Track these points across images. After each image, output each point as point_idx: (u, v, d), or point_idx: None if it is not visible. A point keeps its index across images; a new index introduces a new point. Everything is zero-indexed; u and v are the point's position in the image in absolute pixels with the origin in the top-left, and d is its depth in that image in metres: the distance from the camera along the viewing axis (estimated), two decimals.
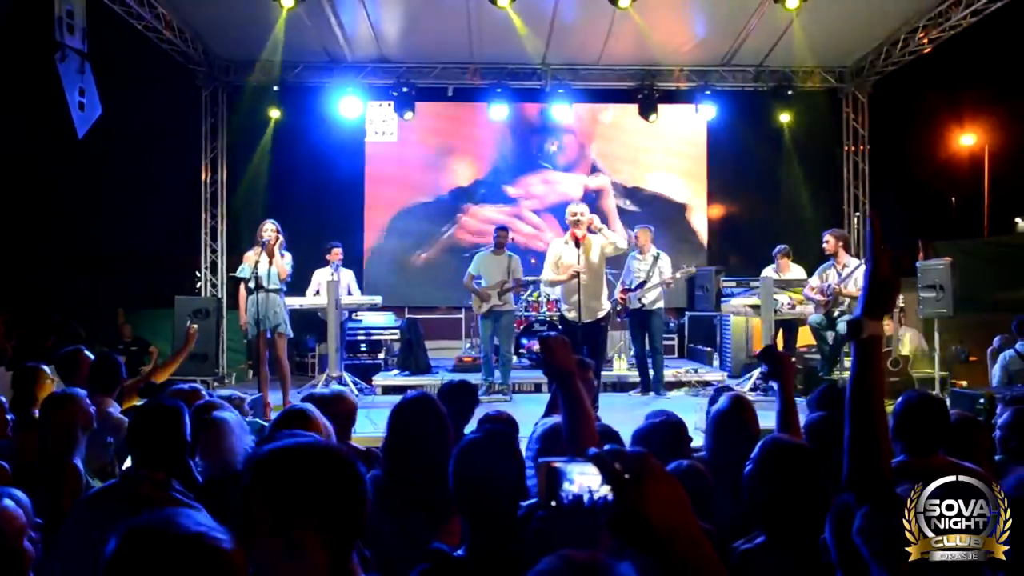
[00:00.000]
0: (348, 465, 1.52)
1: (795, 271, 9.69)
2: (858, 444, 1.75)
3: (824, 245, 8.87)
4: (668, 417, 3.47)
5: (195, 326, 6.18)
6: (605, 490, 1.18)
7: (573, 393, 2.28)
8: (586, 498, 1.20)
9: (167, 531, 1.24)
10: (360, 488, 1.52)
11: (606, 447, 1.20)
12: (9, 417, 3.86)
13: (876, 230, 1.91)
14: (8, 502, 2.02)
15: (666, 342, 12.68)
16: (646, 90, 12.46)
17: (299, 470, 1.49)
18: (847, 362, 10.05)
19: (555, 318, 10.72)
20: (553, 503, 1.22)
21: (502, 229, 9.49)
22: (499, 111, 12.58)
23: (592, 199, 13.31)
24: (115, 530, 1.26)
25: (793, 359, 9.07)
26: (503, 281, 9.13)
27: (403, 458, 2.83)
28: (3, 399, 3.69)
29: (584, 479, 1.21)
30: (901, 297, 9.18)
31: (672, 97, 13.09)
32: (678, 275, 9.46)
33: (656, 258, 9.25)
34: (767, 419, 3.41)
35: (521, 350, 11.15)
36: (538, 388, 9.76)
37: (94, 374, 4.60)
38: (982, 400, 6.17)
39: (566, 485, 1.21)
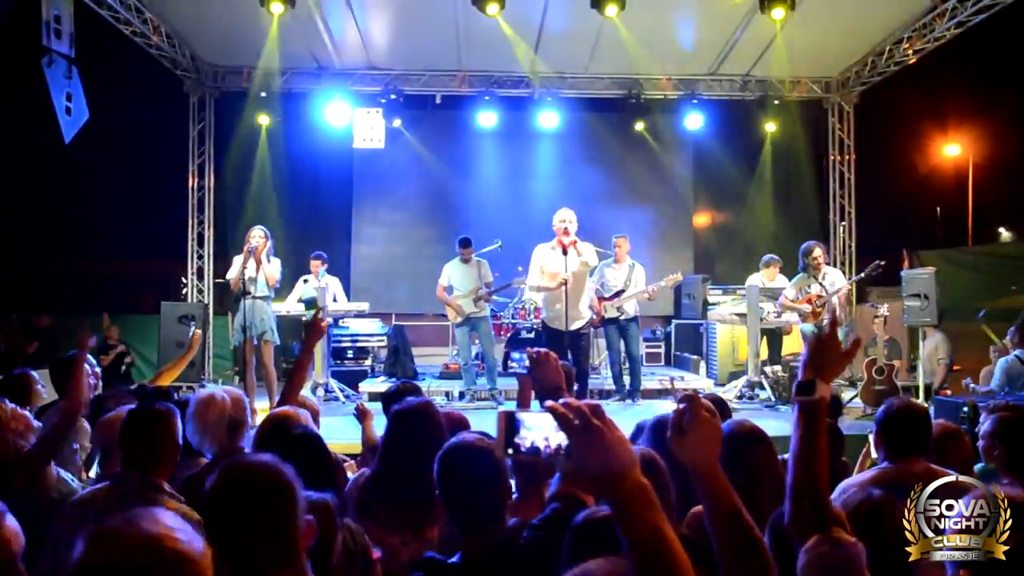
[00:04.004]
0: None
1: (780, 281, 9.75)
2: (801, 493, 1.86)
3: (811, 261, 8.91)
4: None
5: (199, 331, 6.17)
6: (560, 437, 1.27)
7: None
8: (542, 446, 1.29)
9: (131, 533, 1.26)
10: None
11: (560, 400, 1.28)
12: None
13: (834, 319, 2.11)
14: (11, 520, 2.01)
15: (653, 350, 12.72)
16: (633, 99, 12.50)
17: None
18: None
19: (539, 326, 10.71)
20: (510, 450, 1.30)
21: (466, 241, 9.44)
22: (487, 119, 12.61)
23: None
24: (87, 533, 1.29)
25: (778, 367, 9.20)
26: (477, 288, 9.17)
27: (395, 463, 2.84)
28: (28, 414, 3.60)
29: (540, 427, 1.30)
30: (886, 306, 9.27)
31: (659, 106, 13.12)
32: (663, 284, 9.42)
33: (631, 268, 9.26)
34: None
35: (512, 363, 11.11)
36: None
37: (57, 380, 4.58)
38: (965, 408, 6.21)
39: (523, 432, 1.30)
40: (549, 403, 1.27)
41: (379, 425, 3.88)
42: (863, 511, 2.10)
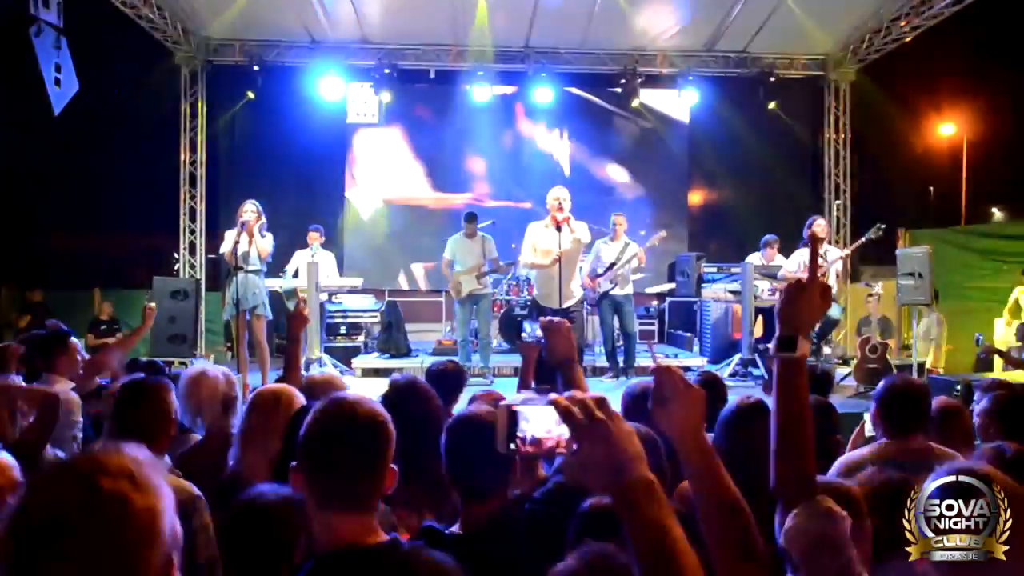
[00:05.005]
0: None
1: (779, 261, 9.74)
2: (785, 456, 1.80)
3: (818, 230, 8.88)
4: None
5: (152, 304, 6.01)
6: (562, 430, 1.24)
7: (573, 379, 2.31)
8: (544, 438, 1.27)
9: (75, 474, 1.16)
10: None
11: (565, 393, 1.25)
12: None
13: (814, 256, 1.99)
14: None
15: (646, 327, 12.71)
16: (629, 75, 12.43)
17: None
18: (826, 349, 10.13)
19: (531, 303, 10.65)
20: (512, 445, 1.27)
21: (471, 215, 9.39)
22: (481, 93, 12.53)
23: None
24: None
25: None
26: (479, 265, 9.11)
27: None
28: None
29: (541, 420, 1.27)
30: (880, 284, 9.28)
31: (655, 82, 13.07)
32: (649, 244, 9.37)
33: (627, 245, 9.19)
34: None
35: (524, 335, 11.00)
36: (517, 372, 9.71)
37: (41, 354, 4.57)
38: (958, 387, 6.22)
39: (523, 424, 1.27)
40: (552, 396, 1.25)
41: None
42: (886, 491, 2.08)
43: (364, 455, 1.71)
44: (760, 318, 9.64)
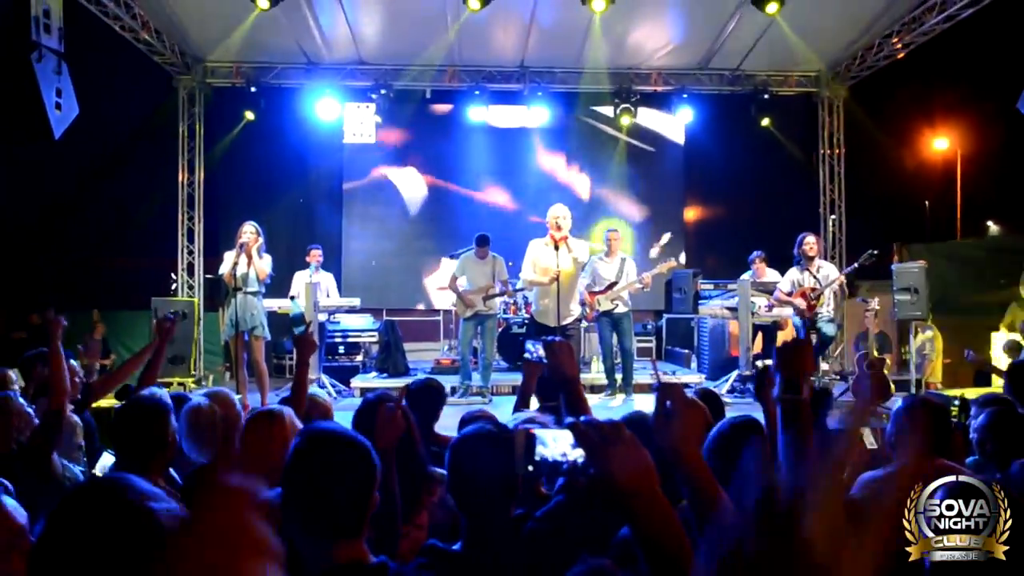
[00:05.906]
0: None
1: (771, 275, 9.76)
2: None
3: (806, 248, 8.90)
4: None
5: (170, 315, 6.00)
6: (577, 453, 1.32)
7: (576, 398, 2.34)
8: (561, 462, 1.35)
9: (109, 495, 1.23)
10: None
11: (582, 418, 1.31)
12: None
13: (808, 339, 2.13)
14: (7, 499, 2.00)
15: (644, 344, 12.72)
16: (624, 93, 12.50)
17: None
18: (823, 365, 10.15)
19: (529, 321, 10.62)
20: (530, 467, 1.35)
21: (484, 238, 9.34)
22: (477, 113, 12.59)
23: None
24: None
25: (771, 361, 9.22)
26: (489, 286, 9.09)
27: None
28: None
29: (559, 444, 1.35)
30: (876, 300, 9.31)
31: (649, 100, 13.15)
32: (657, 271, 9.28)
33: (623, 262, 9.14)
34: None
35: (526, 354, 10.94)
36: (515, 390, 9.67)
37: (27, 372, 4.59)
38: (956, 402, 6.23)
39: (540, 449, 1.35)
40: (570, 420, 1.30)
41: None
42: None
43: (354, 487, 1.78)
44: (760, 335, 9.66)
